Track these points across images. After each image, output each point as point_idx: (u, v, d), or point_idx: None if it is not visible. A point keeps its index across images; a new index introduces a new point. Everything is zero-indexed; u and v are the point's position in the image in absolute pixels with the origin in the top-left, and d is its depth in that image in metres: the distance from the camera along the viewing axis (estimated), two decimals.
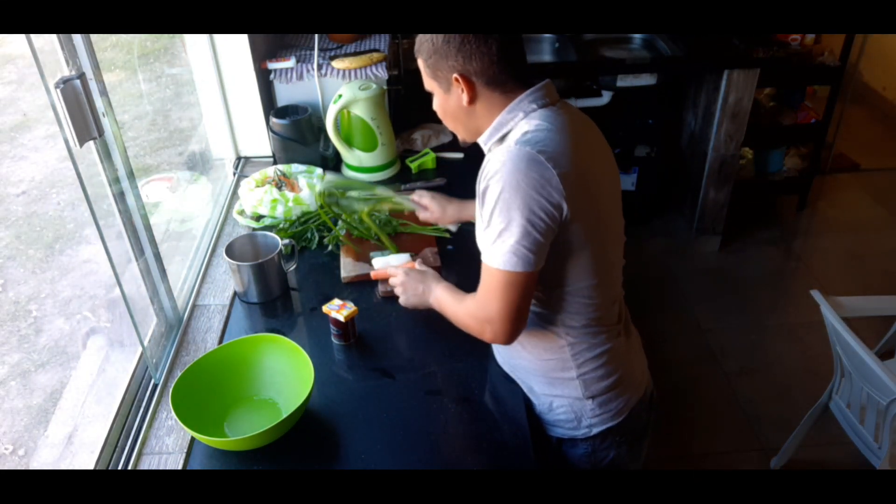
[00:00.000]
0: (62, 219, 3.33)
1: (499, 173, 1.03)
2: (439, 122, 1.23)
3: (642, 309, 1.25)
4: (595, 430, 1.25)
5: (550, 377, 1.23)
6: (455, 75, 1.10)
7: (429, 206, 1.55)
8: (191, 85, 2.12)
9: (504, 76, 1.10)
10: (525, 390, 1.30)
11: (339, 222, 1.74)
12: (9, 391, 2.39)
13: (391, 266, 1.44)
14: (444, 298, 1.27)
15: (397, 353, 1.42)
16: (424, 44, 1.13)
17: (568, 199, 1.03)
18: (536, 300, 1.17)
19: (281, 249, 1.57)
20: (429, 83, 1.18)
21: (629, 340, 1.29)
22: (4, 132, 3.94)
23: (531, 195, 1.02)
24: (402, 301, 1.37)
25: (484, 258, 1.09)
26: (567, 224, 1.05)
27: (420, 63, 1.16)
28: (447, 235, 1.72)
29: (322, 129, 2.04)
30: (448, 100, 1.16)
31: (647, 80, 2.78)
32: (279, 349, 1.32)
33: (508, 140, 1.09)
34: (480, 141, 1.18)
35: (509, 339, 1.13)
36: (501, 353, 1.33)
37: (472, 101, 1.12)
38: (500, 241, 1.04)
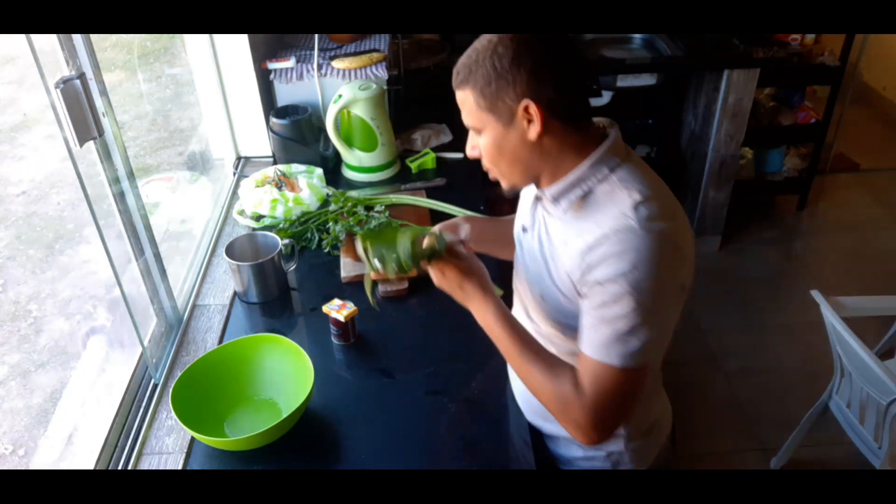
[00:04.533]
0: (62, 219, 3.33)
1: (632, 259, 0.89)
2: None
3: None
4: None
5: None
6: (525, 103, 0.92)
7: (461, 228, 1.24)
8: (191, 85, 2.12)
9: (578, 110, 0.97)
10: (551, 437, 1.22)
11: (339, 225, 1.73)
12: (9, 391, 2.38)
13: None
14: (493, 325, 1.05)
15: (397, 353, 1.42)
16: (479, 70, 0.94)
17: (689, 274, 0.95)
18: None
19: (281, 249, 1.57)
20: (479, 118, 0.98)
21: (660, 384, 1.23)
22: (4, 132, 3.94)
23: (669, 284, 0.91)
24: (436, 281, 1.11)
25: (603, 356, 0.92)
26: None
27: (468, 94, 0.97)
28: (437, 207, 1.67)
29: (322, 129, 2.04)
30: (507, 136, 0.96)
31: (647, 80, 2.78)
32: (279, 349, 1.32)
33: (613, 207, 0.94)
34: (549, 193, 1.00)
35: (602, 441, 0.97)
36: (532, 405, 1.22)
37: (542, 134, 0.94)
38: (631, 337, 0.90)
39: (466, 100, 0.97)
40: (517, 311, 1.21)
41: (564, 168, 0.98)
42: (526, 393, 1.15)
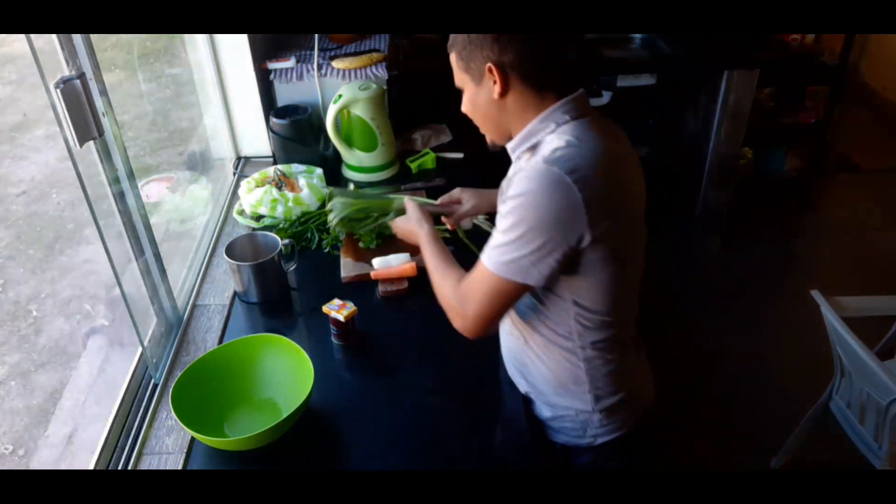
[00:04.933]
0: (62, 219, 3.33)
1: (525, 191, 1.01)
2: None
3: (642, 309, 1.25)
4: (599, 441, 1.24)
5: (561, 388, 1.21)
6: (489, 65, 1.07)
7: (462, 199, 1.49)
8: (191, 85, 2.12)
9: (540, 75, 1.08)
10: (532, 395, 1.29)
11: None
12: (9, 391, 2.39)
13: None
14: (428, 249, 1.27)
15: (397, 353, 1.42)
16: (459, 36, 1.11)
17: (591, 223, 1.01)
18: (560, 313, 1.14)
19: (281, 249, 1.57)
20: (460, 77, 1.15)
21: (639, 357, 1.28)
22: (4, 132, 3.94)
23: (551, 218, 1.00)
24: (398, 227, 1.41)
25: (483, 256, 1.08)
26: (589, 247, 1.03)
27: (453, 57, 1.13)
28: (446, 235, 1.71)
29: (322, 129, 2.04)
30: (479, 93, 1.12)
31: (647, 80, 2.78)
32: (279, 349, 1.32)
33: (538, 154, 1.07)
34: (509, 147, 1.16)
35: (474, 337, 1.14)
36: (512, 356, 1.30)
37: (503, 93, 1.09)
38: (505, 249, 1.04)
39: (453, 62, 1.13)
40: None
41: (525, 124, 1.12)
42: (509, 353, 1.29)
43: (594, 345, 1.16)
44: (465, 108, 1.17)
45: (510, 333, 1.26)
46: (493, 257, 1.06)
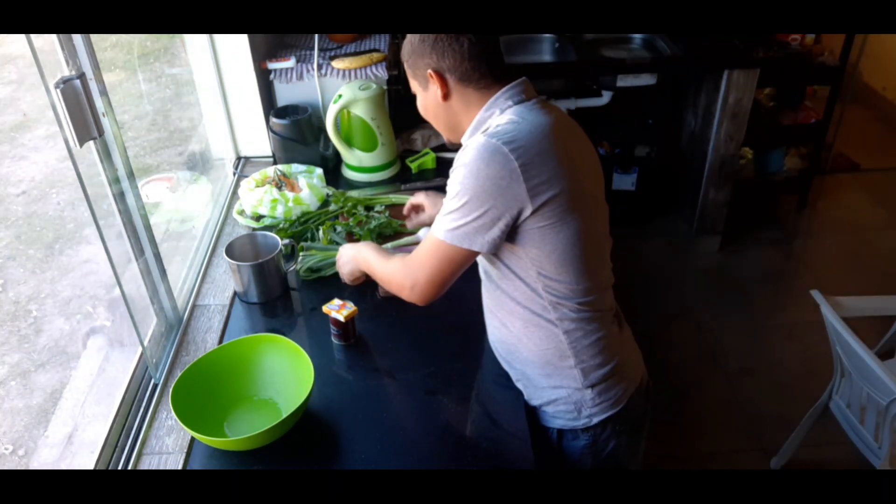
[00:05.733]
0: (62, 219, 3.33)
1: (466, 162, 1.09)
2: None
3: (642, 309, 1.25)
4: (595, 420, 1.26)
5: (548, 368, 1.24)
6: (429, 71, 1.16)
7: (423, 205, 1.56)
8: (191, 85, 2.12)
9: (477, 73, 1.15)
10: (523, 383, 1.31)
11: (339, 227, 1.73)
12: (9, 391, 2.39)
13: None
14: (368, 255, 1.34)
15: (397, 353, 1.42)
16: (405, 45, 1.21)
17: (531, 190, 1.07)
18: (529, 289, 1.19)
19: (281, 249, 1.57)
20: (412, 84, 1.24)
21: (622, 331, 1.31)
22: (4, 132, 3.94)
23: (490, 185, 1.07)
24: (342, 274, 1.47)
25: (433, 226, 1.15)
26: (534, 214, 1.09)
27: (405, 65, 1.23)
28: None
29: (322, 129, 2.04)
30: (427, 97, 1.22)
31: (647, 80, 2.78)
32: (279, 349, 1.32)
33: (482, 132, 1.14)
34: (463, 140, 1.22)
35: (425, 302, 1.20)
36: (499, 346, 1.33)
37: (445, 96, 1.18)
38: (451, 217, 1.11)
39: (406, 70, 1.23)
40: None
41: (472, 118, 1.19)
42: (496, 343, 1.34)
43: (570, 316, 1.20)
44: (421, 110, 1.26)
45: (492, 324, 1.32)
46: (441, 225, 1.13)
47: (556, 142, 1.11)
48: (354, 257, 1.40)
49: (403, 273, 1.20)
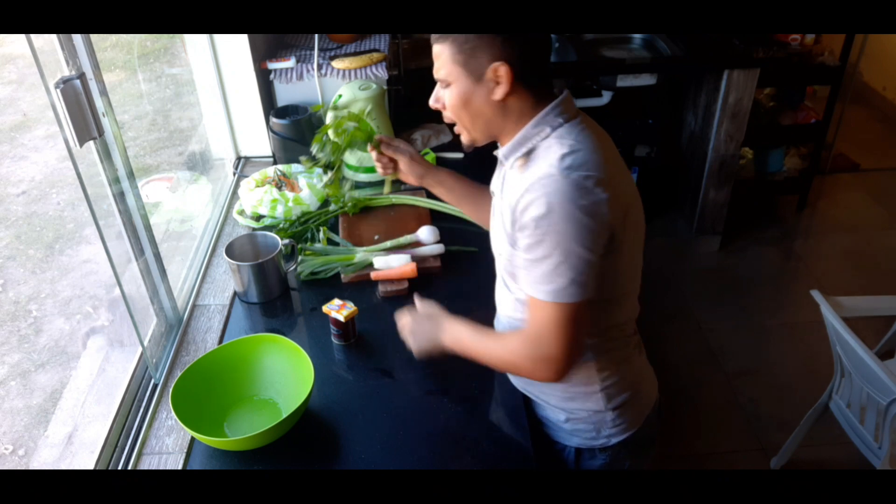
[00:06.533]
0: (62, 219, 3.33)
1: (551, 207, 0.97)
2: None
3: (642, 309, 1.25)
4: (613, 441, 1.24)
5: (571, 392, 1.21)
6: (497, 64, 1.01)
7: (400, 161, 1.40)
8: (191, 85, 2.12)
9: (539, 78, 1.06)
10: (539, 404, 1.28)
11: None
12: (9, 391, 2.39)
13: (400, 314, 1.31)
14: (465, 337, 1.17)
15: (397, 353, 1.42)
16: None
17: (614, 221, 1.00)
18: None
19: (281, 249, 1.57)
20: (451, 71, 1.06)
21: (641, 353, 1.29)
22: (4, 132, 3.94)
23: (586, 224, 0.97)
24: (412, 348, 1.27)
25: (535, 293, 1.02)
26: (616, 245, 1.03)
27: (444, 49, 1.05)
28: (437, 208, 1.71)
29: None
30: (475, 91, 1.05)
31: (647, 80, 2.78)
32: (279, 349, 1.32)
33: (540, 161, 1.03)
34: (500, 154, 1.12)
35: (566, 375, 1.07)
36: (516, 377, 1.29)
37: (508, 96, 1.04)
38: (556, 275, 0.99)
39: (442, 53, 1.06)
40: (497, 284, 1.27)
41: (519, 129, 1.08)
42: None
43: (605, 344, 1.16)
44: (451, 102, 1.09)
45: None
46: (549, 289, 1.00)
47: (619, 165, 1.06)
48: (436, 335, 1.21)
49: (528, 354, 1.06)
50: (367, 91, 1.90)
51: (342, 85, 1.95)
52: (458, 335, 1.18)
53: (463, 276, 1.59)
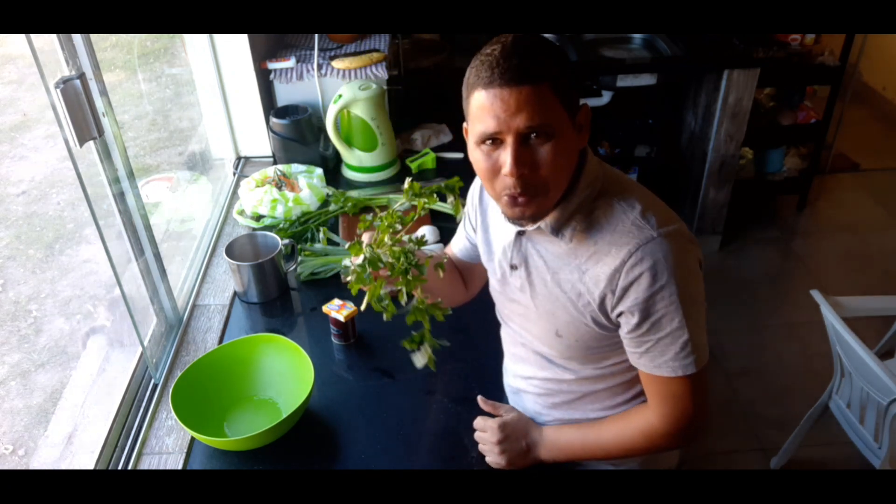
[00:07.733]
0: (62, 219, 3.33)
1: (664, 274, 0.89)
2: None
3: None
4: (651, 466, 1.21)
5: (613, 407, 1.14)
6: (584, 103, 0.87)
7: None
8: (191, 85, 2.12)
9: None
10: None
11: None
12: (9, 391, 2.39)
13: (482, 424, 1.15)
14: (567, 442, 1.08)
15: (397, 353, 1.42)
16: (550, 58, 0.83)
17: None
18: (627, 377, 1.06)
19: (281, 249, 1.57)
20: (556, 117, 0.83)
21: None
22: (4, 132, 3.93)
23: (698, 275, 0.94)
24: (494, 462, 1.12)
25: (672, 371, 0.94)
26: None
27: (544, 88, 0.82)
28: (439, 206, 1.66)
29: (322, 129, 2.04)
30: (575, 140, 0.89)
31: (647, 80, 2.78)
32: (279, 349, 1.32)
33: (618, 225, 0.92)
34: (548, 224, 0.94)
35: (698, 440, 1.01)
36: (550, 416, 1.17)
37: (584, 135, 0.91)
38: (683, 343, 0.92)
39: (541, 95, 0.81)
40: (514, 349, 1.19)
41: (566, 188, 0.92)
42: (515, 396, 1.22)
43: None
44: (556, 164, 0.84)
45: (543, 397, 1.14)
46: (680, 361, 0.93)
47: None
48: (530, 450, 1.10)
49: (674, 432, 0.99)
50: (367, 91, 1.90)
51: (342, 85, 1.95)
52: (558, 444, 1.08)
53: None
